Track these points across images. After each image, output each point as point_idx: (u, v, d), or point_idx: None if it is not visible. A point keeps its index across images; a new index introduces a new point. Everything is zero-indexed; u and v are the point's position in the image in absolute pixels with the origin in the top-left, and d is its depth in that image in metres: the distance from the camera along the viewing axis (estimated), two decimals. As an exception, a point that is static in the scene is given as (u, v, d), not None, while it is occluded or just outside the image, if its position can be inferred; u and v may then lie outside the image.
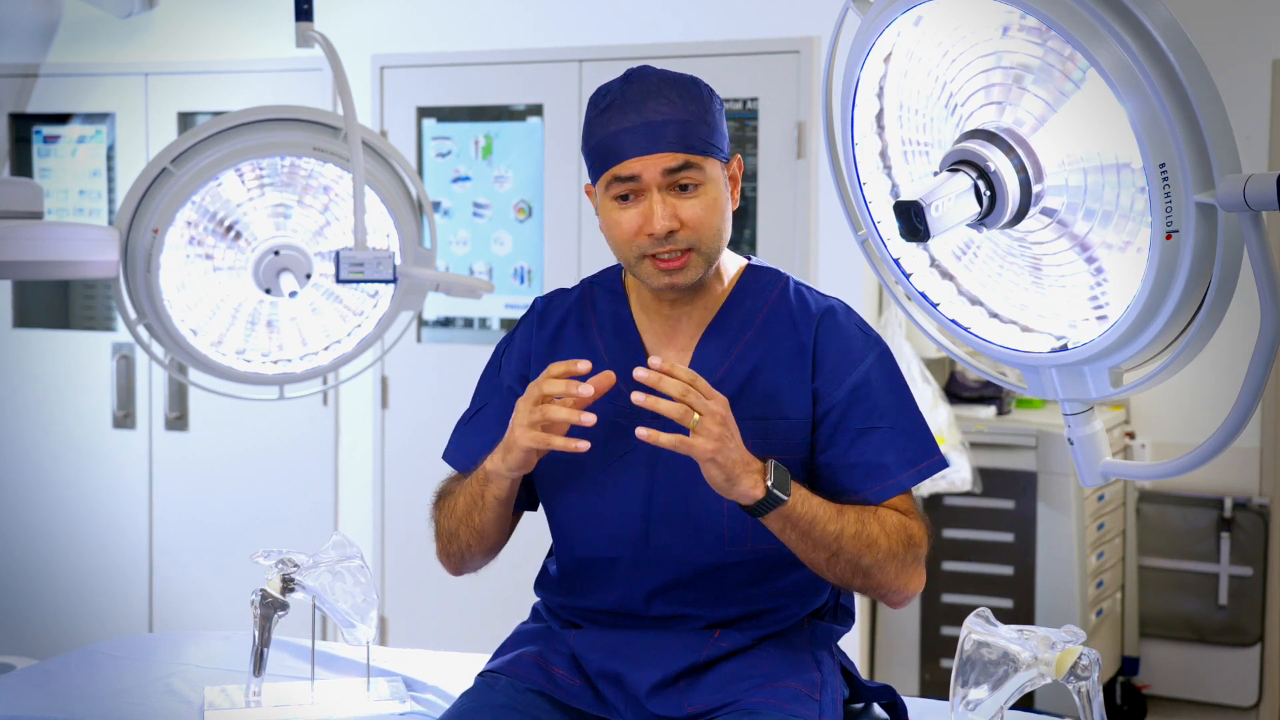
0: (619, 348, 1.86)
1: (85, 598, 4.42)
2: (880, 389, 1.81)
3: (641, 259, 1.76)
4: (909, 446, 1.79)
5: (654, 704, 1.78)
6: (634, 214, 1.75)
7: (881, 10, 1.45)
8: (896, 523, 1.76)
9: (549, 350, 1.89)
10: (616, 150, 1.74)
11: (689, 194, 1.75)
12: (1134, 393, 1.45)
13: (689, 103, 1.75)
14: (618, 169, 1.74)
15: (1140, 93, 1.26)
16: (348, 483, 4.23)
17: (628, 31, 3.87)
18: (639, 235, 1.75)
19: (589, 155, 1.79)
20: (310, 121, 2.77)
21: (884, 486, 1.78)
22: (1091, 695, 1.47)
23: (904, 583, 1.78)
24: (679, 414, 1.61)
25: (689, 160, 1.73)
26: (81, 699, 2.11)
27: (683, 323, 1.85)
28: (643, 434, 1.62)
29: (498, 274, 4.08)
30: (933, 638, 4.07)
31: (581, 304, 1.92)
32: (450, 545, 1.89)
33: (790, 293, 1.86)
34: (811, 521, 1.69)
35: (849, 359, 1.81)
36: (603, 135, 1.75)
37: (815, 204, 3.72)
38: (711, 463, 1.63)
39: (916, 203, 1.35)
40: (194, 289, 2.77)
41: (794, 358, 1.81)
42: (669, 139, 1.73)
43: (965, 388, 4.22)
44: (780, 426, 1.79)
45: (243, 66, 4.19)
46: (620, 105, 1.75)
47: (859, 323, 1.86)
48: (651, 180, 1.73)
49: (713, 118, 1.77)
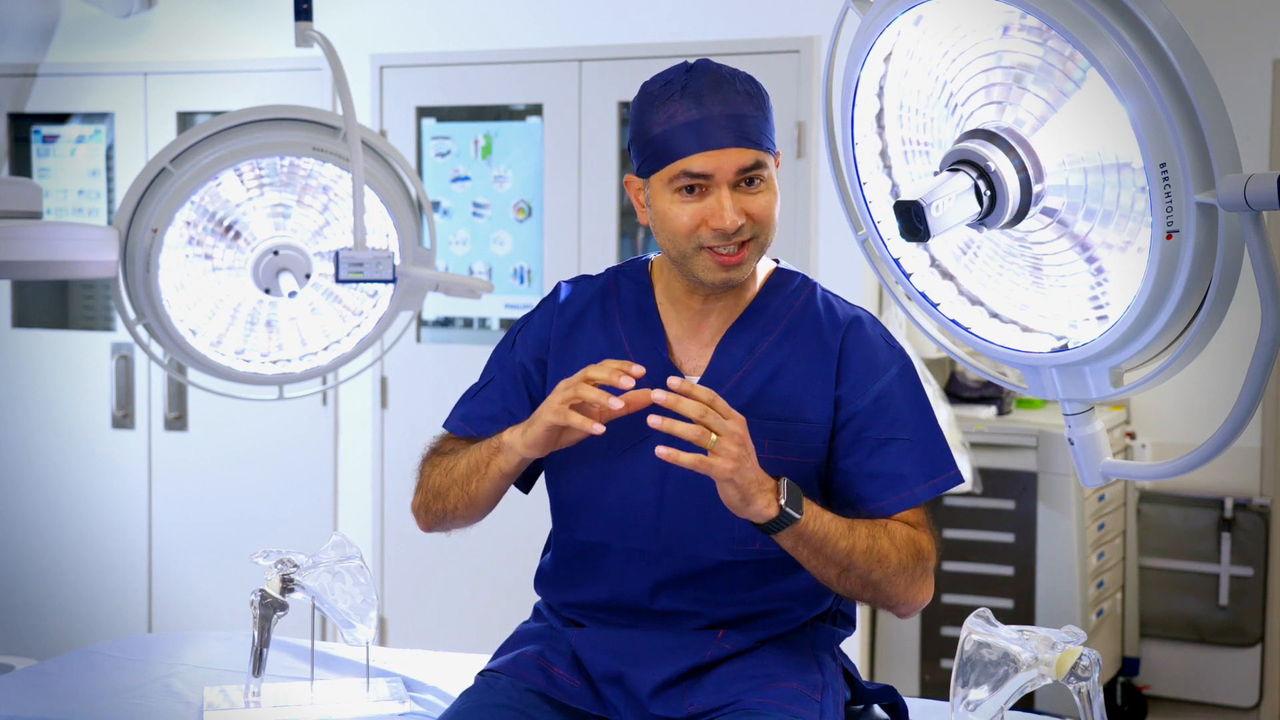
0: (642, 339, 1.86)
1: (84, 598, 4.41)
2: (902, 400, 1.81)
3: (699, 251, 1.75)
4: (927, 459, 1.80)
5: (656, 705, 1.78)
6: (698, 208, 1.74)
7: (882, 10, 1.45)
8: (906, 536, 1.76)
9: (568, 336, 1.89)
10: (684, 144, 1.72)
11: (755, 189, 1.75)
12: (1134, 393, 1.45)
13: (752, 99, 1.75)
14: (687, 164, 1.72)
15: (1141, 92, 1.26)
16: (347, 483, 4.22)
17: (627, 31, 3.87)
18: (701, 228, 1.74)
19: (647, 146, 1.76)
20: (309, 121, 2.77)
21: (900, 498, 1.78)
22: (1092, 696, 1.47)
23: (912, 595, 1.78)
24: (696, 435, 1.60)
25: (759, 158, 1.74)
26: (80, 699, 2.11)
27: (710, 318, 1.85)
28: (663, 453, 1.61)
29: (497, 274, 4.08)
30: (933, 638, 4.06)
31: (605, 293, 1.91)
32: (434, 503, 1.89)
33: (818, 299, 1.87)
34: (824, 538, 1.69)
35: (874, 369, 1.81)
36: (667, 127, 1.73)
37: (815, 204, 3.72)
38: (729, 483, 1.63)
39: (917, 202, 1.35)
40: (193, 289, 2.77)
41: (818, 363, 1.81)
42: (740, 135, 1.72)
43: (965, 388, 4.22)
44: (799, 429, 1.79)
45: (242, 66, 4.19)
46: (683, 97, 1.73)
47: (884, 334, 1.86)
48: (724, 178, 1.72)
49: (769, 113, 1.78)
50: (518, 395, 1.90)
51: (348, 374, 3.64)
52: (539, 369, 1.90)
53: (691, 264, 1.77)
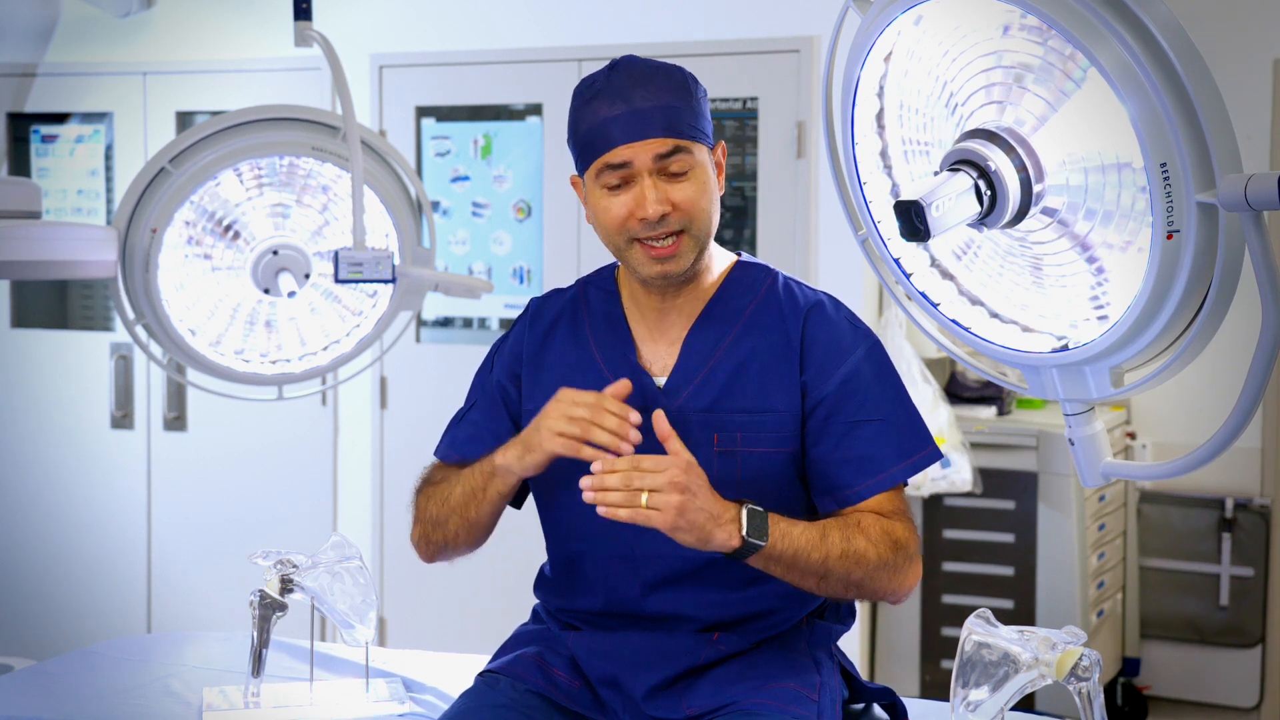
0: (610, 344, 1.87)
1: (83, 598, 4.41)
2: (871, 381, 1.80)
3: (631, 244, 1.77)
4: (902, 439, 1.79)
5: (652, 707, 1.78)
6: (624, 200, 1.76)
7: (882, 9, 1.44)
8: (881, 529, 1.75)
9: (540, 348, 1.91)
10: (606, 138, 1.75)
11: (680, 178, 1.76)
12: (1135, 393, 1.45)
13: (675, 89, 1.77)
14: (608, 156, 1.75)
15: (1141, 92, 1.25)
16: (346, 483, 4.22)
17: (627, 31, 3.86)
18: (629, 220, 1.76)
19: (577, 145, 1.80)
20: (309, 121, 2.76)
21: (877, 480, 1.77)
22: (1092, 696, 1.47)
23: (897, 585, 1.77)
24: (624, 500, 1.62)
25: (679, 145, 1.75)
26: (80, 700, 2.11)
27: (672, 316, 1.86)
28: (602, 511, 1.63)
29: (497, 274, 4.08)
30: (933, 638, 4.06)
31: (575, 303, 1.93)
32: (434, 533, 1.90)
33: (779, 287, 1.87)
34: (795, 555, 1.69)
35: (838, 352, 1.81)
36: (591, 124, 1.77)
37: (815, 204, 3.71)
38: (677, 530, 1.63)
39: (917, 202, 1.35)
40: (192, 289, 2.77)
41: (781, 351, 1.81)
42: (659, 125, 1.74)
43: (966, 388, 4.22)
44: (768, 420, 1.79)
45: (241, 66, 4.19)
46: (607, 94, 1.76)
47: (848, 315, 1.86)
48: (643, 166, 1.74)
49: (697, 104, 1.78)
50: (499, 418, 1.92)
51: (347, 374, 3.64)
52: (514, 384, 1.91)
53: (628, 258, 1.79)
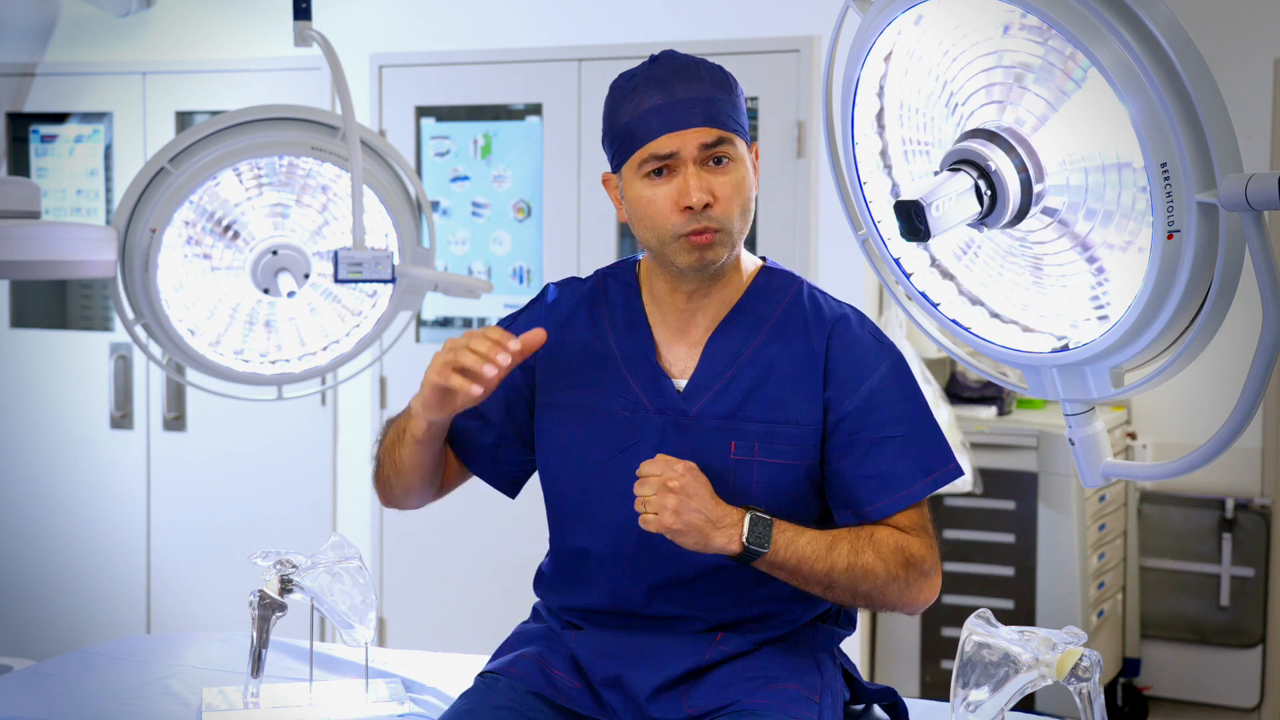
0: (630, 342, 1.86)
1: (83, 599, 4.41)
2: (894, 398, 1.80)
3: (677, 239, 1.75)
4: (923, 455, 1.78)
5: (654, 707, 1.78)
6: (669, 189, 1.74)
7: (882, 9, 1.44)
8: (894, 545, 1.75)
9: (558, 339, 1.88)
10: (648, 128, 1.73)
11: (722, 169, 1.75)
12: (1135, 393, 1.45)
13: (716, 82, 1.76)
14: (653, 146, 1.73)
15: (1141, 92, 1.25)
16: (346, 483, 4.22)
17: (627, 31, 3.86)
18: (675, 212, 1.74)
19: (615, 139, 1.78)
20: (308, 121, 2.76)
21: (897, 498, 1.77)
22: (1093, 697, 1.47)
23: (910, 599, 1.78)
24: (640, 507, 1.69)
25: (723, 136, 1.74)
26: (79, 700, 2.11)
27: (696, 318, 1.84)
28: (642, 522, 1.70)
29: (496, 274, 4.07)
30: (933, 639, 4.06)
31: (594, 295, 1.91)
32: (377, 471, 1.94)
33: (804, 297, 1.85)
34: (799, 562, 1.70)
35: (862, 368, 1.80)
36: (632, 115, 1.75)
37: (815, 204, 3.71)
38: (673, 532, 1.66)
39: (917, 202, 1.34)
40: (192, 289, 2.76)
41: (805, 365, 1.80)
42: (701, 114, 1.73)
43: (966, 388, 4.21)
44: (788, 432, 1.78)
45: (241, 65, 4.19)
46: (649, 85, 1.75)
47: (873, 330, 1.84)
48: (689, 155, 1.73)
49: (738, 99, 1.78)
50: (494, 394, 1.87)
51: (347, 374, 3.64)
52: (525, 373, 1.89)
53: (669, 251, 1.77)
